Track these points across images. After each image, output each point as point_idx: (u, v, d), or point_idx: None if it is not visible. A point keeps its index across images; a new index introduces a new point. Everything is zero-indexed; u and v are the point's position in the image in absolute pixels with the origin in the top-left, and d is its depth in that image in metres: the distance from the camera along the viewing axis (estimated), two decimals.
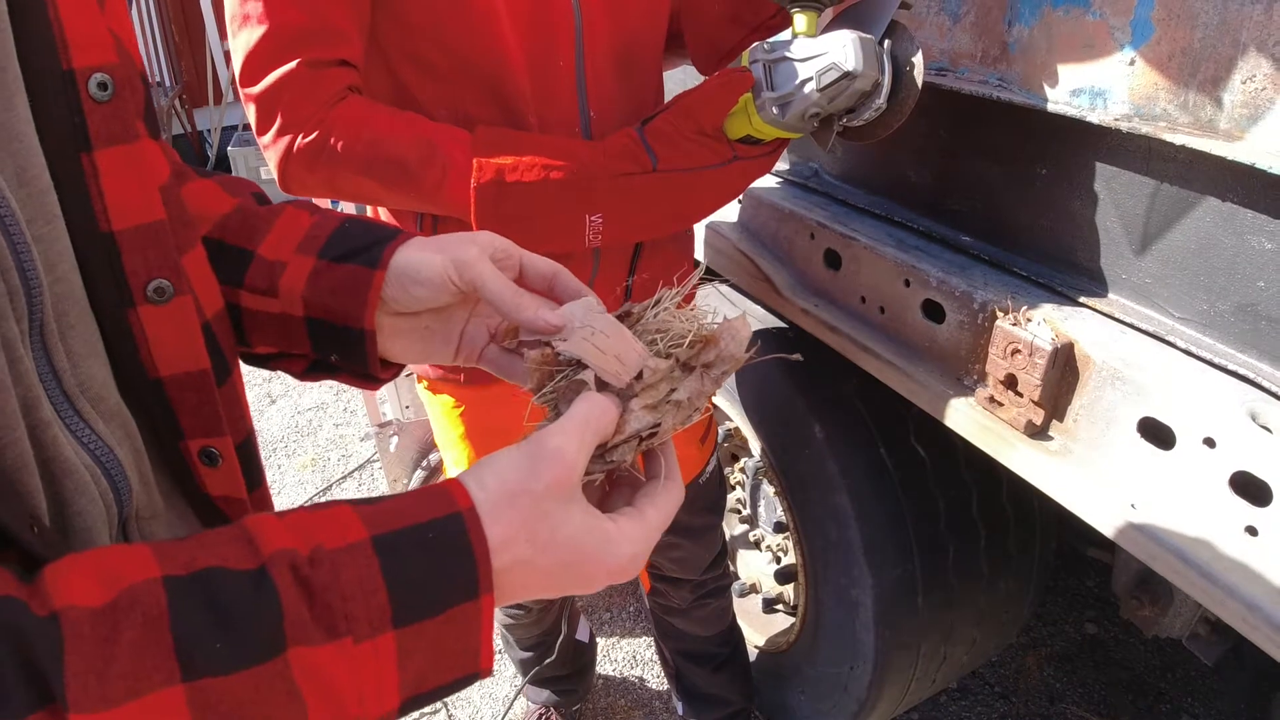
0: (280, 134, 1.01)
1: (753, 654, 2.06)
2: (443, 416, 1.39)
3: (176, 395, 0.54)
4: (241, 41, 1.00)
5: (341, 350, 0.64)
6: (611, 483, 0.60)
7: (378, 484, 3.10)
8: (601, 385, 0.55)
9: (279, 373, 0.73)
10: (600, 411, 0.52)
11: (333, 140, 1.00)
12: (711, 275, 1.81)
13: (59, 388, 0.47)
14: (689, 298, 1.55)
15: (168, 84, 6.21)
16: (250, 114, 1.03)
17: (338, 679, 0.41)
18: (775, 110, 1.06)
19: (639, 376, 0.55)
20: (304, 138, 1.00)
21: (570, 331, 0.58)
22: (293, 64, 0.98)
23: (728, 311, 1.76)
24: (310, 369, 0.69)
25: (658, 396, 0.55)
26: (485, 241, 0.62)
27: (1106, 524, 1.00)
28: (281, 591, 0.40)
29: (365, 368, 0.64)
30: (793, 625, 1.89)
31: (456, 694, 0.48)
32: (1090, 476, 1.02)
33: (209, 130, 6.14)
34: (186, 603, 0.39)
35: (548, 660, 1.96)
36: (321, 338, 0.64)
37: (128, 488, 0.51)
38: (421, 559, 0.44)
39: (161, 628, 0.38)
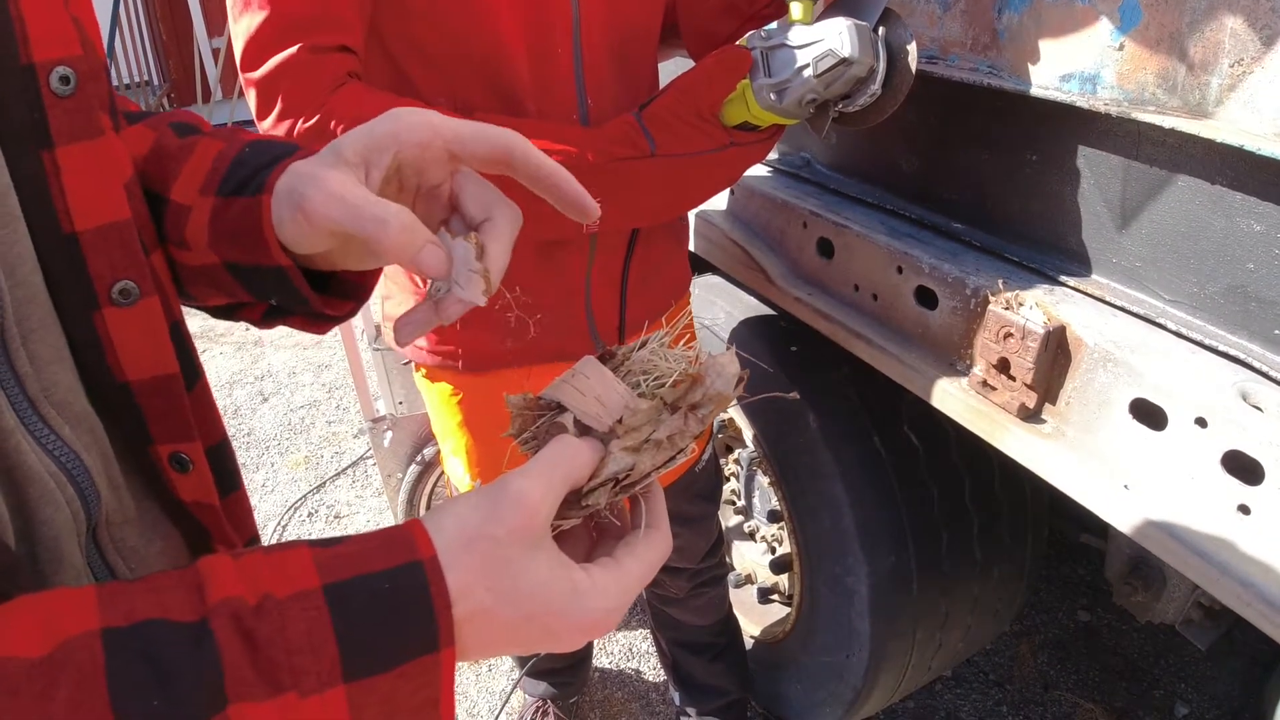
0: (280, 119, 1.01)
1: (749, 644, 2.07)
2: (440, 404, 1.40)
3: (145, 399, 0.52)
4: (243, 26, 1.00)
5: (274, 292, 0.57)
6: (598, 531, 0.57)
7: (372, 480, 3.09)
8: (583, 429, 0.52)
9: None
10: (571, 454, 0.49)
11: (333, 125, 1.00)
12: (704, 268, 1.82)
13: (22, 393, 0.46)
14: (690, 339, 1.53)
15: (155, 82, 6.19)
16: (250, 99, 1.03)
17: None
18: (773, 96, 1.07)
19: (621, 419, 0.52)
20: (304, 123, 1.00)
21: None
22: (294, 49, 0.98)
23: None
24: (268, 314, 0.63)
25: (640, 439, 0.52)
26: (363, 147, 0.51)
27: (1100, 506, 1.01)
28: (222, 645, 0.39)
29: (306, 305, 0.57)
30: (788, 615, 1.90)
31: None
32: (1083, 458, 1.03)
33: None
34: (125, 657, 0.37)
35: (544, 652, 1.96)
36: (250, 282, 0.57)
37: (95, 494, 0.50)
38: (377, 611, 0.41)
39: (98, 684, 0.36)
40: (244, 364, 3.85)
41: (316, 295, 0.57)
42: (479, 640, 0.45)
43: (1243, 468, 0.89)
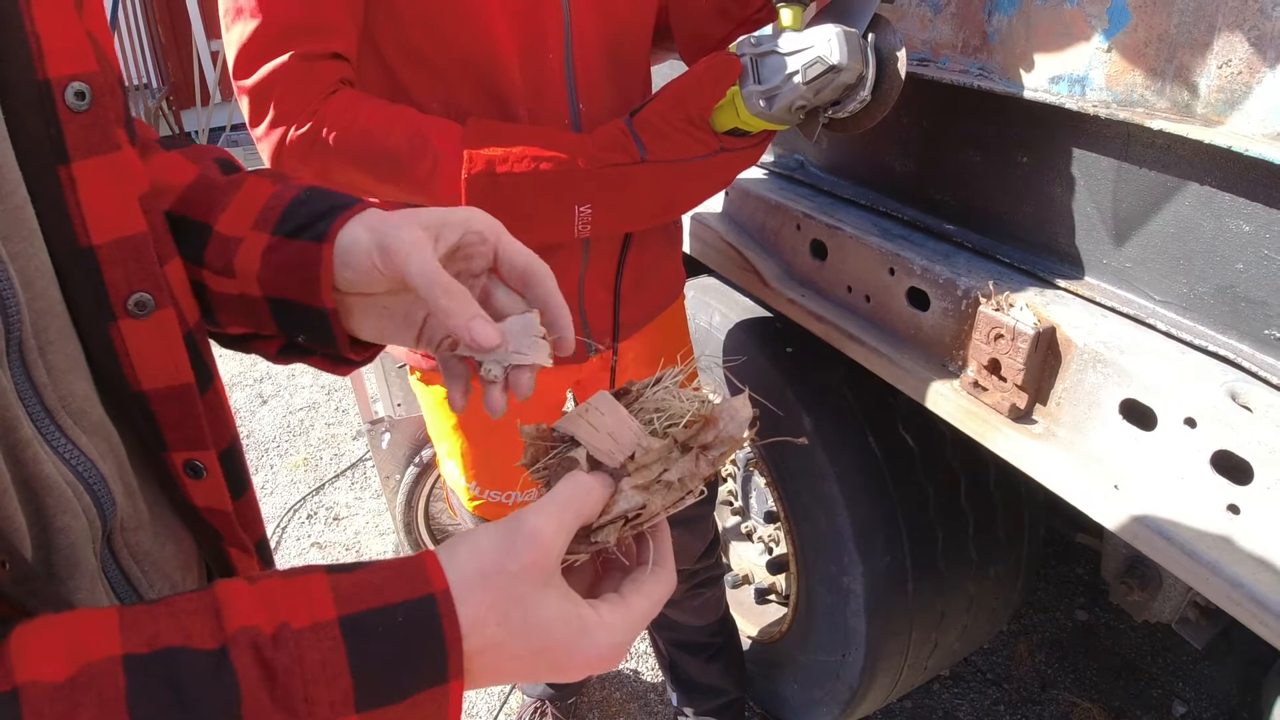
0: (273, 126, 1.02)
1: (746, 644, 2.07)
2: (435, 408, 1.40)
3: (159, 409, 0.53)
4: (235, 35, 1.00)
5: (307, 330, 0.60)
6: (604, 565, 0.58)
7: (370, 482, 3.10)
8: (595, 464, 0.53)
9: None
10: (584, 492, 0.51)
11: (325, 132, 1.01)
12: (699, 270, 1.82)
13: (40, 404, 0.47)
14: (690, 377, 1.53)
15: (154, 85, 6.19)
16: (244, 107, 1.04)
17: None
18: (762, 103, 1.07)
19: (633, 456, 0.53)
20: (297, 130, 1.01)
21: (508, 350, 0.57)
22: (286, 57, 0.99)
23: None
24: (283, 351, 0.65)
25: (650, 477, 0.53)
26: (438, 222, 0.57)
27: (1090, 505, 1.01)
28: (241, 674, 0.40)
29: (334, 348, 0.60)
30: (785, 615, 1.90)
31: None
32: (1073, 459, 1.03)
33: (196, 131, 6.13)
34: (146, 683, 0.38)
35: None
36: (285, 318, 0.60)
37: (111, 501, 0.51)
38: (390, 643, 0.43)
39: (119, 709, 0.37)
40: (243, 366, 3.86)
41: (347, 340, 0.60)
42: (488, 671, 0.47)
43: (1232, 467, 0.89)
